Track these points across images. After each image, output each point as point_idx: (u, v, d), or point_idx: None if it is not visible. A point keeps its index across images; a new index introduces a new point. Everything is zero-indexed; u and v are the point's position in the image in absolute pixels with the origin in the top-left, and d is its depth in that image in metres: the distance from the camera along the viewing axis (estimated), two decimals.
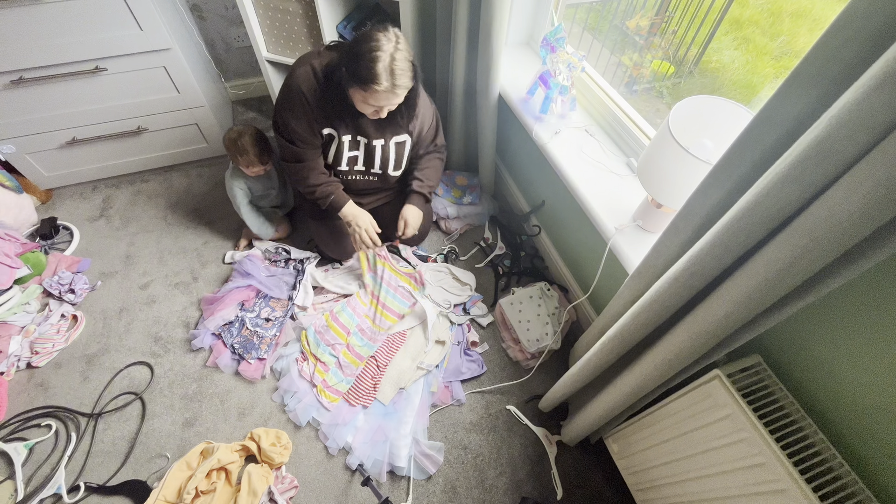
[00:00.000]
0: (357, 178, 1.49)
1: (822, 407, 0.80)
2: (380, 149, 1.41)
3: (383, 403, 1.40)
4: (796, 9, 1.68)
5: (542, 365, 1.52)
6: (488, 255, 1.78)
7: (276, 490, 1.23)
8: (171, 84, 1.69)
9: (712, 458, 0.88)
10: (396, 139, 1.41)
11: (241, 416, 1.39)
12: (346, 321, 1.54)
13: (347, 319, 1.54)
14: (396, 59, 1.12)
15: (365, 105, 1.21)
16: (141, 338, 1.54)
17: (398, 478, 1.31)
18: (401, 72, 1.13)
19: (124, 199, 1.92)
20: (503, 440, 1.39)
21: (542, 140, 1.38)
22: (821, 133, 0.51)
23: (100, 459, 1.31)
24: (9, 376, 1.42)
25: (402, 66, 1.13)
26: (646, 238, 1.16)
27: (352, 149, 1.40)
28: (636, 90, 2.20)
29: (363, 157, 1.42)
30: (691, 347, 0.80)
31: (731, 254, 0.68)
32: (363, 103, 1.20)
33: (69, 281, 1.58)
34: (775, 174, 0.57)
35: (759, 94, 1.73)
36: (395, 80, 1.13)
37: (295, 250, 1.73)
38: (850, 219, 0.50)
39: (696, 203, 0.77)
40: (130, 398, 1.42)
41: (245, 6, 1.60)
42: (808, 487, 0.71)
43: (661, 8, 2.20)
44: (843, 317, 0.73)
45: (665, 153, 0.94)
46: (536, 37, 1.62)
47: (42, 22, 1.39)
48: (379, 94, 1.15)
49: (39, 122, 1.63)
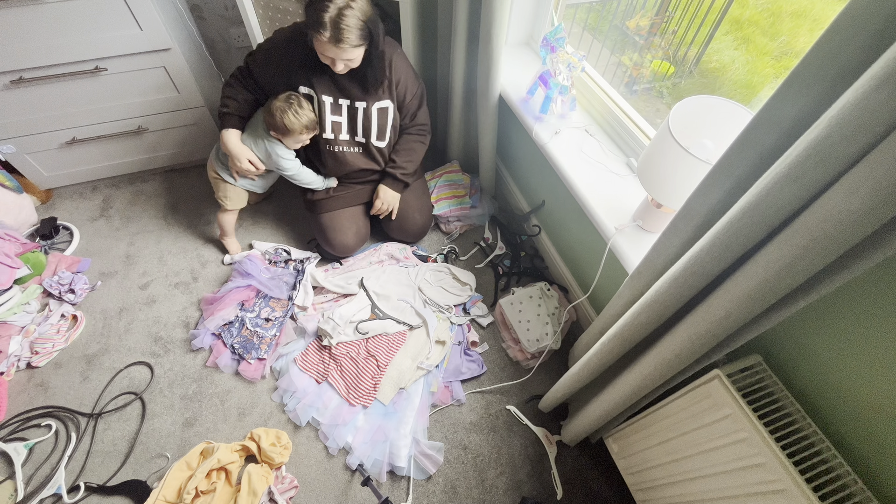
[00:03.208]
0: (343, 149, 1.51)
1: (823, 407, 0.80)
2: (362, 112, 1.44)
3: (383, 403, 1.40)
4: (796, 9, 1.68)
5: (542, 365, 1.52)
6: (488, 255, 1.78)
7: (276, 490, 1.23)
8: (171, 84, 1.69)
9: (712, 458, 0.88)
10: (379, 104, 1.44)
11: (241, 416, 1.39)
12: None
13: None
14: (345, 14, 1.16)
15: (322, 56, 1.26)
16: (141, 338, 1.54)
17: (398, 478, 1.31)
18: (346, 27, 1.17)
19: (124, 199, 1.92)
20: (503, 440, 1.39)
21: (542, 140, 1.38)
22: (821, 133, 0.51)
23: (100, 459, 1.31)
24: (9, 376, 1.42)
25: (348, 22, 1.17)
26: (646, 238, 1.16)
27: (334, 112, 1.43)
28: (636, 90, 2.20)
29: (346, 122, 1.46)
30: (691, 347, 0.80)
31: (731, 254, 0.68)
32: (320, 54, 1.26)
33: (69, 281, 1.58)
34: (775, 174, 0.57)
35: (759, 94, 1.73)
36: (339, 35, 1.17)
37: (295, 251, 1.73)
38: (851, 219, 0.50)
39: (696, 203, 0.77)
40: (130, 398, 1.42)
41: (245, 6, 1.60)
42: (808, 487, 0.71)
43: (661, 8, 2.20)
44: (844, 317, 0.73)
45: (665, 153, 0.94)
46: (536, 37, 1.62)
47: (42, 22, 1.39)
48: (325, 45, 1.20)
49: (39, 122, 1.63)
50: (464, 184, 1.86)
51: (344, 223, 1.64)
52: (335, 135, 1.48)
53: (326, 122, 1.44)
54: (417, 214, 1.69)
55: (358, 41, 1.21)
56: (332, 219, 1.64)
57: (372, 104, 1.43)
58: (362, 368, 1.45)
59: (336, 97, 1.41)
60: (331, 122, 1.45)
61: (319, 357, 1.49)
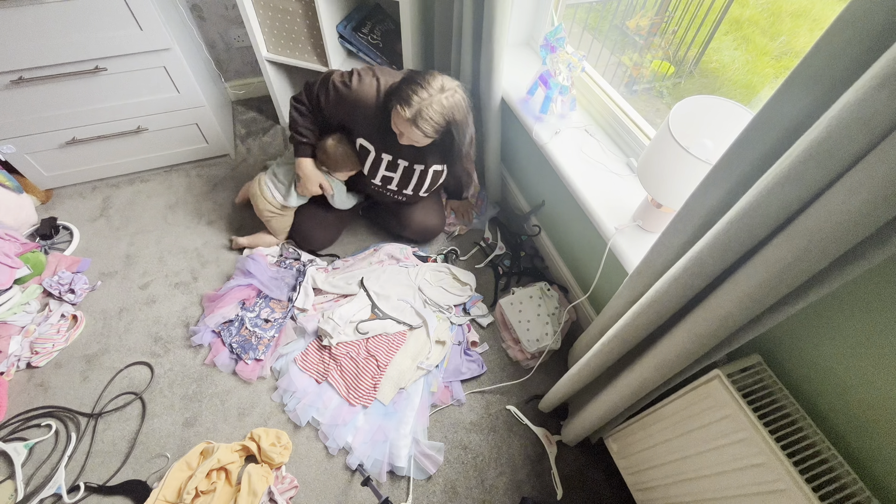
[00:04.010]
0: (387, 194, 1.58)
1: (822, 407, 0.80)
2: (418, 173, 1.49)
3: (383, 403, 1.40)
4: (796, 9, 1.68)
5: (542, 365, 1.52)
6: (488, 255, 1.78)
7: (276, 490, 1.23)
8: (171, 84, 1.69)
9: (712, 458, 0.88)
10: (435, 168, 1.49)
11: (241, 416, 1.39)
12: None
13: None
14: (432, 103, 1.19)
15: (394, 124, 1.28)
16: (141, 338, 1.54)
17: (398, 478, 1.31)
18: (427, 116, 1.20)
19: (124, 199, 1.92)
20: (503, 440, 1.39)
21: (542, 140, 1.38)
22: (821, 133, 0.51)
23: (100, 459, 1.31)
24: (9, 376, 1.42)
25: (430, 112, 1.20)
26: (646, 238, 1.16)
27: (389, 169, 1.48)
28: (636, 90, 2.20)
29: (399, 178, 1.51)
30: (691, 348, 0.80)
31: (731, 254, 0.68)
32: (393, 123, 1.28)
33: (69, 281, 1.58)
34: (775, 174, 0.57)
35: (759, 94, 1.73)
36: (417, 117, 1.20)
37: (304, 253, 1.73)
38: (851, 219, 0.50)
39: (696, 203, 0.77)
40: (130, 398, 1.42)
41: (245, 6, 1.60)
42: (808, 487, 0.71)
43: (661, 8, 2.20)
44: (844, 317, 0.73)
45: (665, 153, 0.94)
46: (536, 37, 1.62)
47: (42, 22, 1.39)
48: (400, 120, 1.23)
49: (39, 122, 1.63)
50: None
51: (325, 216, 1.69)
52: (383, 185, 1.54)
53: (378, 176, 1.50)
54: (433, 216, 1.73)
55: (432, 131, 1.24)
56: (312, 211, 1.68)
57: (429, 168, 1.48)
58: (362, 368, 1.45)
59: (396, 157, 1.45)
60: (382, 176, 1.51)
61: (319, 357, 1.49)
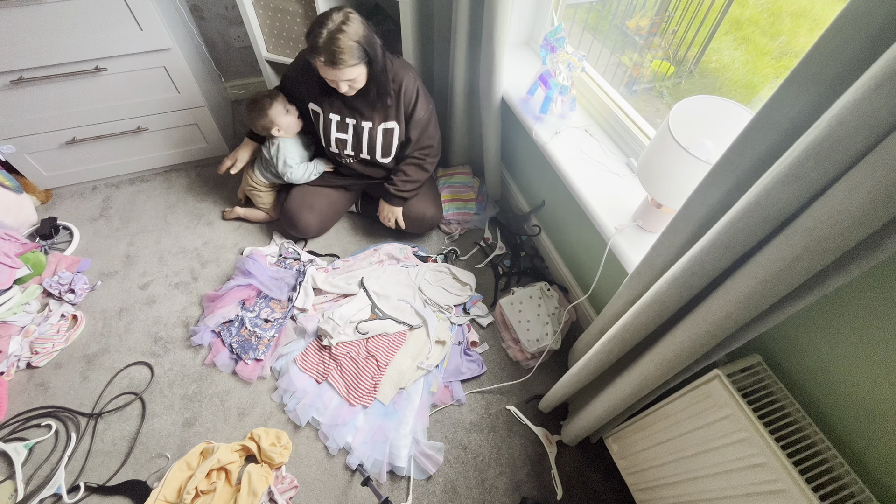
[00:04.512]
0: (349, 161, 1.58)
1: (822, 407, 0.80)
2: (367, 131, 1.48)
3: (383, 403, 1.40)
4: (796, 9, 1.68)
5: (542, 365, 1.52)
6: (488, 255, 1.78)
7: (276, 490, 1.23)
8: (171, 84, 1.69)
9: (712, 458, 0.88)
10: (385, 125, 1.48)
11: (241, 416, 1.39)
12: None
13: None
14: (337, 37, 1.19)
15: (327, 80, 1.30)
16: (141, 338, 1.54)
17: (398, 478, 1.31)
18: (338, 49, 1.20)
19: (124, 199, 1.92)
20: (503, 440, 1.39)
21: (542, 140, 1.38)
22: (821, 133, 0.51)
23: (100, 459, 1.31)
24: (9, 376, 1.42)
25: (342, 45, 1.20)
26: (646, 238, 1.16)
27: (340, 129, 1.48)
28: (636, 90, 2.20)
29: (352, 139, 1.50)
30: (691, 348, 0.80)
31: (731, 254, 0.68)
32: (325, 77, 1.30)
33: (69, 281, 1.58)
34: (775, 174, 0.57)
35: (759, 94, 1.72)
36: (333, 58, 1.21)
37: (304, 253, 1.73)
38: (851, 219, 0.50)
39: (696, 203, 0.77)
40: (130, 398, 1.42)
41: (245, 6, 1.60)
42: (808, 487, 0.71)
43: (661, 8, 2.20)
44: (844, 317, 0.73)
45: (665, 153, 0.94)
46: (536, 37, 1.62)
47: (42, 22, 1.39)
48: (323, 68, 1.25)
49: (39, 122, 1.63)
50: (472, 186, 1.86)
51: (315, 200, 1.68)
52: (339, 150, 1.54)
53: (332, 139, 1.51)
54: (430, 206, 1.70)
55: (353, 61, 1.25)
56: (304, 192, 1.67)
57: (378, 124, 1.48)
58: (362, 368, 1.45)
59: (343, 116, 1.46)
60: (335, 139, 1.51)
61: (319, 357, 1.49)
